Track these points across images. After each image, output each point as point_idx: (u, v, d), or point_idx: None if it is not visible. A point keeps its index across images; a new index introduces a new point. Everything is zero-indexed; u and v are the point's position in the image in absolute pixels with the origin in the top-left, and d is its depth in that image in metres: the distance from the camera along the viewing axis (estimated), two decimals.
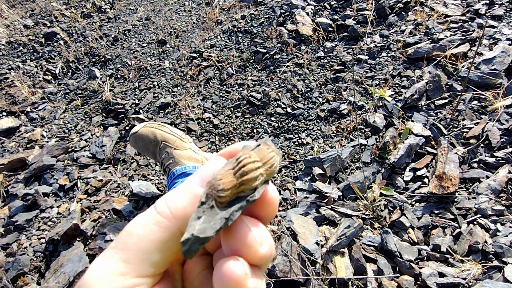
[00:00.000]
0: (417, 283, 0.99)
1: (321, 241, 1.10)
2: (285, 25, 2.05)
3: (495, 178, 1.14)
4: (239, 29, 2.17)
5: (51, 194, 1.56)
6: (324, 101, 1.65)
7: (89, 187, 1.55)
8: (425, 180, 1.23)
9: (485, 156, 1.22)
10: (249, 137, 1.63)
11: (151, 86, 2.01)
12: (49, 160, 1.67)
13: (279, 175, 1.43)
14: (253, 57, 1.97)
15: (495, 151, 1.23)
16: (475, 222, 1.08)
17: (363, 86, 1.63)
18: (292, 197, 1.31)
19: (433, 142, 1.34)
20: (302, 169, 1.41)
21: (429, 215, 1.13)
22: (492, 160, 1.20)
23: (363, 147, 1.39)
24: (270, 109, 1.69)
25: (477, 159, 1.23)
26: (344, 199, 1.26)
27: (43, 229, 1.42)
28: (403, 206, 1.17)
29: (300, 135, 1.55)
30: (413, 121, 1.41)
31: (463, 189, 1.18)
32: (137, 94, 1.99)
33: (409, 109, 1.46)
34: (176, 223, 0.22)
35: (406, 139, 1.33)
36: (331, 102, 1.63)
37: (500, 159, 1.19)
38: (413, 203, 1.19)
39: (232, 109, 1.76)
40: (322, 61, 1.82)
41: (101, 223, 1.36)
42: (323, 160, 1.34)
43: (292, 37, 1.97)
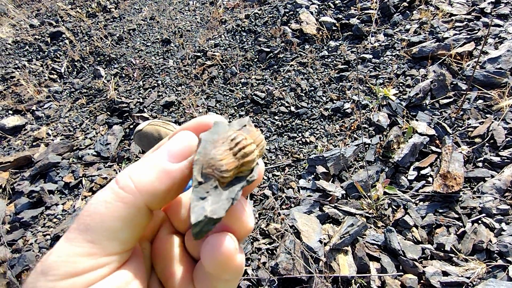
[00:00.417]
0: (420, 281, 0.99)
1: (324, 239, 1.10)
2: (289, 24, 2.05)
3: (500, 177, 1.14)
4: (243, 28, 2.17)
5: (56, 192, 1.57)
6: (328, 100, 1.65)
7: (93, 184, 1.56)
8: (429, 179, 1.23)
9: (490, 155, 1.22)
10: None
11: (156, 85, 2.02)
12: (54, 158, 1.68)
13: (282, 173, 1.43)
14: (257, 56, 1.97)
15: (500, 150, 1.22)
16: (479, 221, 1.07)
17: (367, 85, 1.63)
18: (296, 195, 1.31)
19: (437, 141, 1.33)
20: (306, 167, 1.41)
21: (433, 214, 1.13)
22: (497, 159, 1.19)
23: (367, 146, 1.39)
24: (274, 108, 1.69)
25: (482, 158, 1.22)
26: (347, 198, 1.26)
27: (48, 226, 1.43)
28: (407, 205, 1.17)
29: (303, 133, 1.55)
30: (417, 120, 1.40)
31: (468, 188, 1.17)
32: (141, 93, 2.00)
33: (413, 108, 1.45)
34: (142, 198, 0.21)
35: (410, 138, 1.33)
36: (335, 101, 1.63)
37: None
38: (417, 202, 1.18)
39: (236, 108, 1.77)
40: (326, 60, 1.82)
41: None
42: (326, 159, 1.34)
43: (296, 36, 1.97)
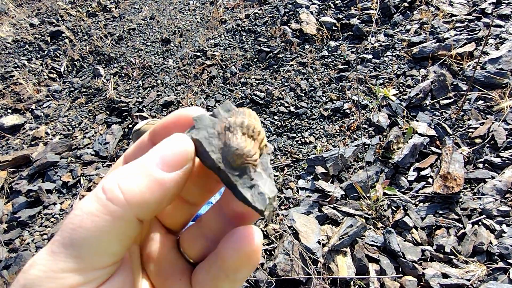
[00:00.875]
0: (420, 283, 0.98)
1: (323, 240, 1.09)
2: (289, 24, 2.04)
3: (501, 179, 1.13)
4: (243, 28, 2.17)
5: (54, 191, 1.57)
6: (327, 100, 1.64)
7: (92, 184, 1.55)
8: (429, 180, 1.22)
9: (490, 156, 1.21)
10: None
11: (155, 84, 2.02)
12: (53, 157, 1.68)
13: (281, 174, 1.42)
14: (257, 56, 1.97)
15: (501, 151, 1.21)
16: (480, 223, 1.06)
17: (367, 85, 1.62)
18: (295, 196, 1.30)
19: (437, 142, 1.32)
20: (305, 168, 1.40)
21: (433, 215, 1.12)
22: (497, 160, 1.18)
23: (366, 146, 1.38)
24: (274, 108, 1.68)
25: (482, 159, 1.21)
26: (347, 199, 1.25)
27: (45, 226, 1.43)
28: (406, 206, 1.16)
29: (303, 134, 1.54)
30: (417, 120, 1.39)
31: (468, 189, 1.16)
32: (140, 93, 1.99)
33: (413, 108, 1.45)
34: (131, 210, 0.19)
35: (410, 138, 1.32)
36: (334, 101, 1.62)
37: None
38: (417, 203, 1.17)
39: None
40: (326, 60, 1.81)
41: None
42: (326, 159, 1.33)
43: (296, 36, 1.96)
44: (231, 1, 2.50)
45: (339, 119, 1.55)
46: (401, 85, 1.55)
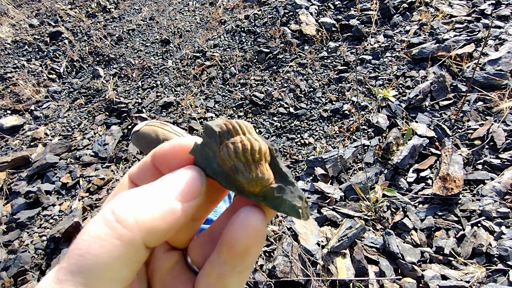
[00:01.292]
0: (419, 285, 0.97)
1: (322, 241, 1.09)
2: (288, 25, 2.04)
3: (500, 180, 1.13)
4: (242, 29, 2.16)
5: (53, 192, 1.56)
6: (327, 101, 1.64)
7: (91, 185, 1.55)
8: (429, 181, 1.22)
9: (490, 158, 1.21)
10: None
11: (154, 85, 2.02)
12: (52, 158, 1.68)
13: None
14: (256, 57, 1.97)
15: (500, 152, 1.21)
16: (479, 225, 1.06)
17: (366, 86, 1.62)
18: None
19: (437, 143, 1.32)
20: (304, 169, 1.40)
21: (432, 216, 1.12)
22: (497, 161, 1.18)
23: (366, 147, 1.38)
24: (273, 109, 1.68)
25: (481, 161, 1.21)
26: (346, 200, 1.25)
27: (44, 227, 1.42)
28: (406, 208, 1.16)
29: (302, 135, 1.54)
30: (417, 121, 1.39)
31: (467, 190, 1.16)
32: (140, 93, 1.99)
33: (413, 109, 1.44)
34: (140, 234, 0.18)
35: (410, 139, 1.32)
36: (334, 102, 1.62)
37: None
38: (416, 204, 1.17)
39: (234, 108, 1.76)
40: (325, 61, 1.81)
41: None
42: (325, 161, 1.33)
43: (296, 37, 1.96)
44: (230, 1, 2.50)
45: (339, 120, 1.55)
46: (400, 86, 1.55)
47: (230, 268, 0.21)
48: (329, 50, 1.85)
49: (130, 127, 1.80)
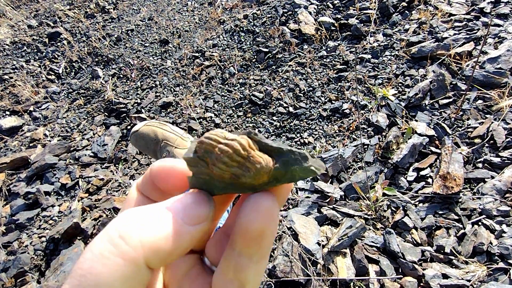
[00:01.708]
0: (420, 284, 0.97)
1: (322, 241, 1.09)
2: (287, 24, 2.04)
3: (500, 179, 1.12)
4: (241, 29, 2.16)
5: (52, 193, 1.56)
6: (326, 100, 1.63)
7: (90, 186, 1.55)
8: (429, 180, 1.21)
9: (490, 156, 1.20)
10: None
11: (153, 85, 2.01)
12: (51, 159, 1.67)
13: None
14: (256, 56, 1.96)
15: (500, 151, 1.21)
16: (479, 223, 1.06)
17: (366, 85, 1.61)
18: (294, 196, 1.30)
19: (437, 142, 1.32)
20: None
21: (432, 215, 1.12)
22: (497, 160, 1.18)
23: (365, 146, 1.38)
24: (272, 109, 1.68)
25: (481, 159, 1.21)
26: (346, 199, 1.24)
27: (44, 228, 1.42)
28: (406, 207, 1.16)
29: (302, 134, 1.54)
30: (416, 120, 1.39)
31: (468, 189, 1.16)
32: (139, 94, 1.99)
33: (412, 108, 1.44)
34: (143, 254, 0.18)
35: (410, 138, 1.32)
36: (333, 102, 1.61)
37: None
38: (416, 203, 1.17)
39: (234, 108, 1.76)
40: (324, 60, 1.81)
41: (102, 222, 1.36)
42: (325, 160, 1.33)
43: (295, 37, 1.96)
44: (229, 1, 2.50)
45: (338, 119, 1.54)
46: (400, 85, 1.55)
47: (247, 258, 0.21)
48: (328, 49, 1.85)
49: (129, 127, 1.80)
